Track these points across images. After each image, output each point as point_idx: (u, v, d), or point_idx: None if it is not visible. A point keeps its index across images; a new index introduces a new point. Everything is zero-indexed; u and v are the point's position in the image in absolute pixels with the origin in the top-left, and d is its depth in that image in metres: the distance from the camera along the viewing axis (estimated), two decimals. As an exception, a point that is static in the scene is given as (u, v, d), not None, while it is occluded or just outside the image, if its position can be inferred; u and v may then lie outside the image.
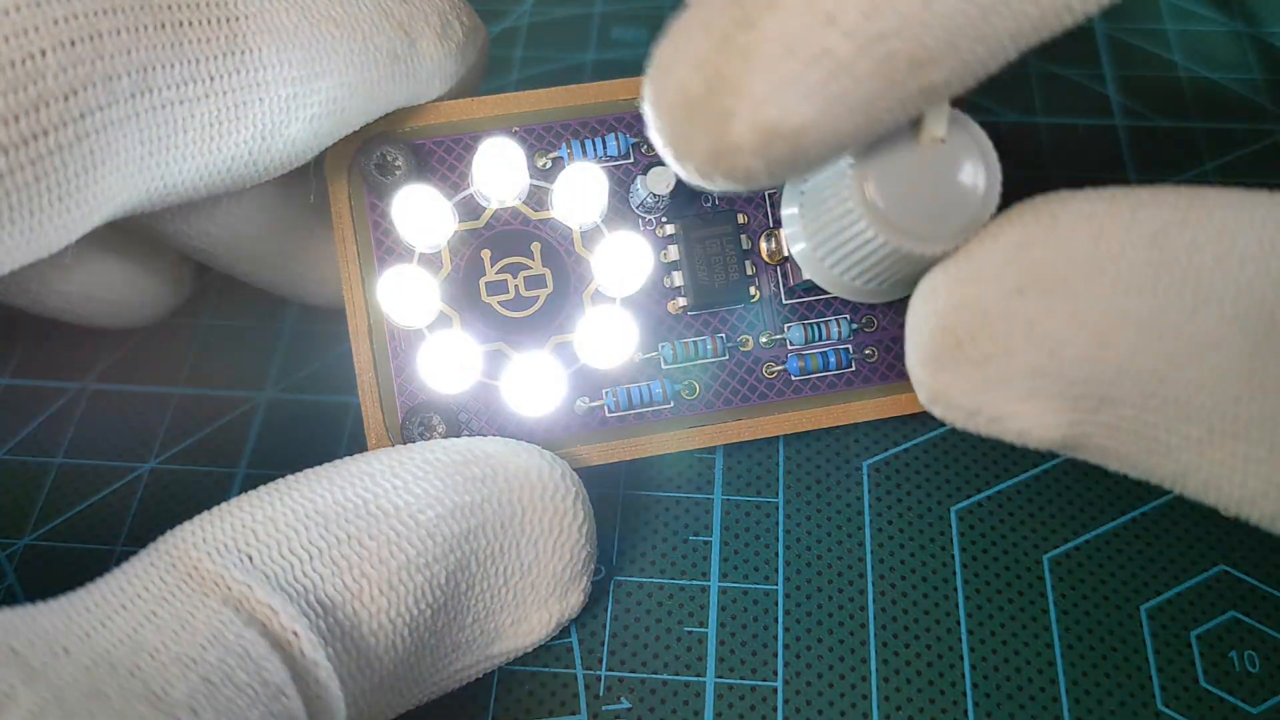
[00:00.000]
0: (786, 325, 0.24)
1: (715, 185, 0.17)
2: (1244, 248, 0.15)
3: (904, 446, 0.26)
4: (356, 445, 0.26)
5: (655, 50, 0.17)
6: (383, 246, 0.23)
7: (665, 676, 0.23)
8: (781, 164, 0.16)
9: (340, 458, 0.21)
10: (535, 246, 0.23)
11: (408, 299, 0.21)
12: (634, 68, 0.34)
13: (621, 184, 0.24)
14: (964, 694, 0.22)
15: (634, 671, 0.23)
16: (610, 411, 0.23)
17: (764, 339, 0.24)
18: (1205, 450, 0.16)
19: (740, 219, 0.24)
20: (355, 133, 0.22)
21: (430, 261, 0.23)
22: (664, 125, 0.17)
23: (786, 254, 0.21)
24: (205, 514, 0.19)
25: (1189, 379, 0.15)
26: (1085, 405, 0.16)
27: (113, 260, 0.24)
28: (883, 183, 0.17)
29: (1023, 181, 0.18)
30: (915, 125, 0.17)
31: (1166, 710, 0.22)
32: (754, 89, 0.16)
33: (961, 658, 0.23)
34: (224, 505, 0.19)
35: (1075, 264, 0.16)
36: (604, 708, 0.23)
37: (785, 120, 0.15)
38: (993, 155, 0.18)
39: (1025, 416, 0.17)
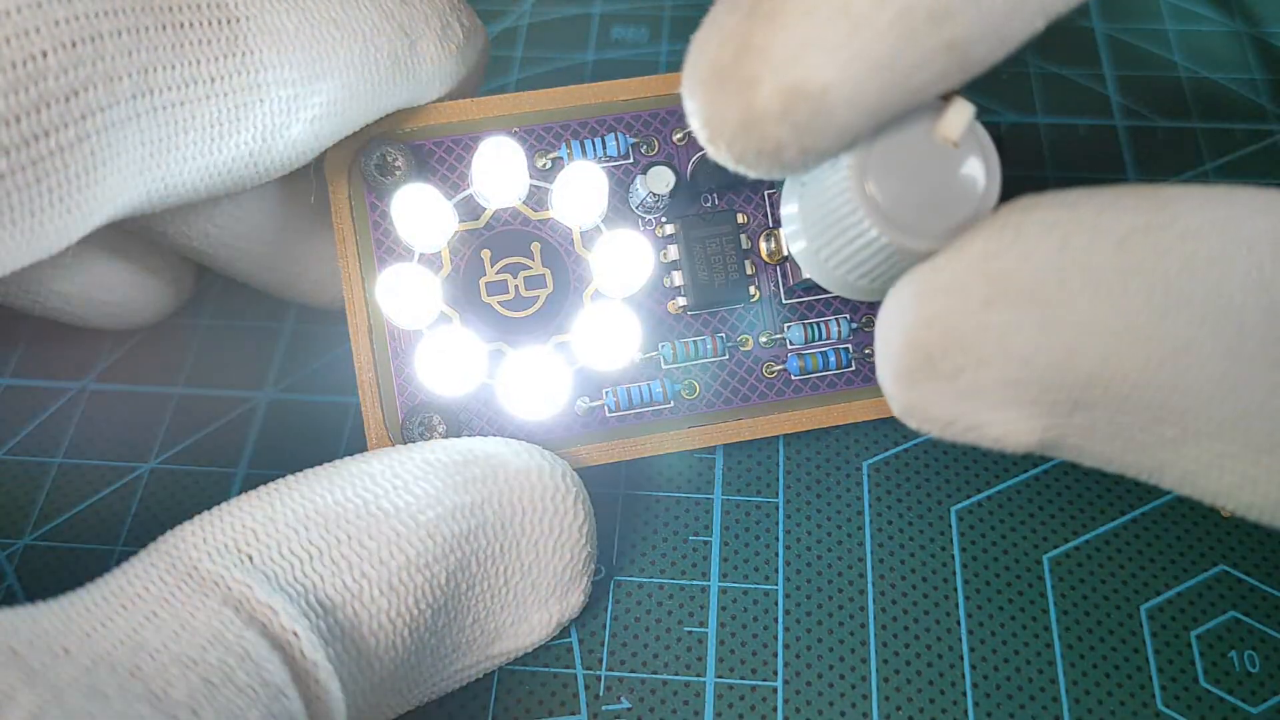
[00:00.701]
0: (786, 325, 0.24)
1: (751, 167, 0.17)
2: (1209, 250, 0.15)
3: (904, 446, 0.26)
4: (356, 445, 0.26)
5: (693, 36, 0.17)
6: (383, 247, 0.23)
7: (665, 676, 0.23)
8: (809, 131, 0.16)
9: (340, 458, 0.21)
10: (535, 246, 0.23)
11: (408, 299, 0.21)
12: (634, 68, 0.34)
13: (621, 184, 0.24)
14: (964, 694, 0.22)
15: (634, 671, 0.23)
16: (610, 411, 0.23)
17: (764, 339, 0.24)
18: (1181, 448, 0.16)
19: (740, 219, 0.24)
20: (355, 133, 0.22)
21: (430, 261, 0.23)
22: (698, 103, 0.17)
23: (786, 253, 0.21)
24: (205, 514, 0.19)
25: (1162, 383, 0.15)
26: (1060, 410, 0.16)
27: (113, 261, 0.24)
28: (883, 179, 0.17)
29: (1023, 181, 0.18)
30: (935, 115, 0.17)
31: (1166, 710, 0.22)
32: (777, 52, 0.16)
33: (961, 658, 0.23)
34: (224, 505, 0.19)
35: (1042, 274, 0.16)
36: (604, 708, 0.23)
37: (808, 81, 0.15)
38: (993, 153, 0.18)
39: (1001, 424, 0.17)
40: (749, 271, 0.23)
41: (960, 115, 0.17)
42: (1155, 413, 0.15)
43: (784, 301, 0.24)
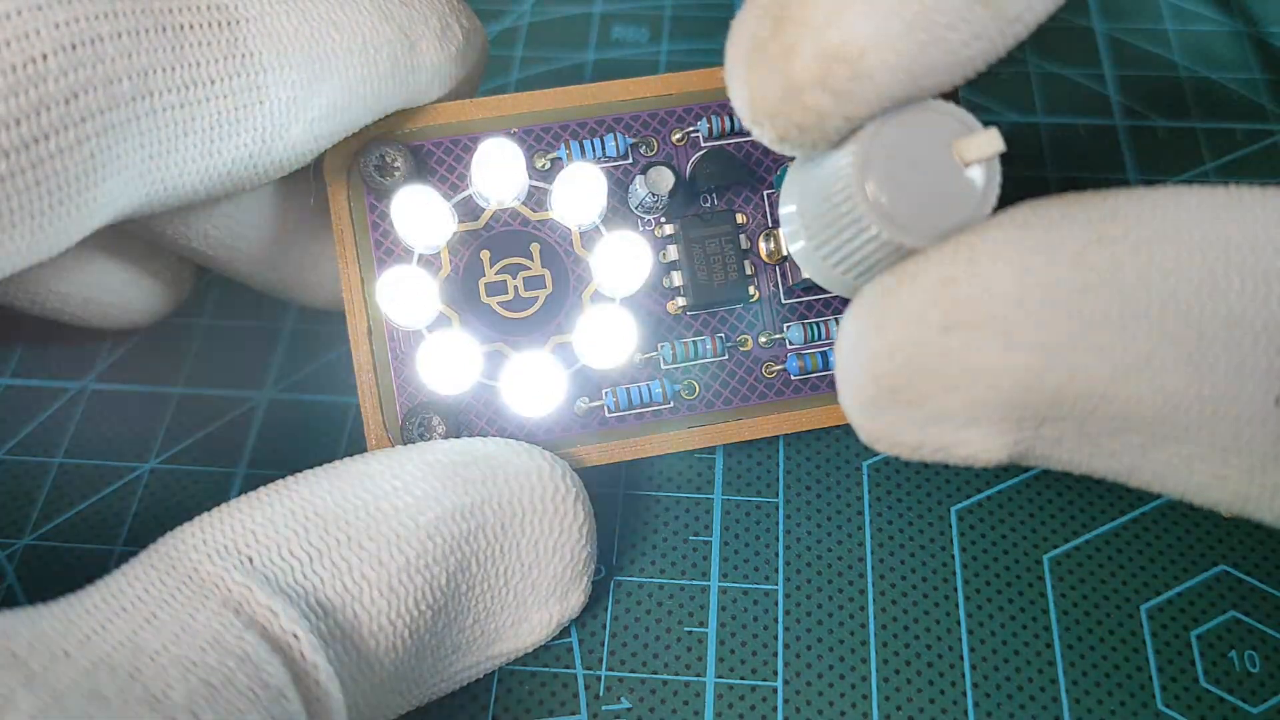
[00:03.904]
0: (786, 325, 0.24)
1: (794, 143, 0.17)
2: (1162, 260, 0.15)
3: (904, 446, 0.26)
4: (356, 445, 0.26)
5: (733, 21, 0.17)
6: (382, 247, 0.23)
7: (665, 676, 0.23)
8: (848, 96, 0.16)
9: (340, 458, 0.21)
10: (534, 247, 0.23)
11: (407, 300, 0.21)
12: (634, 68, 0.34)
13: (620, 184, 0.24)
14: (964, 694, 0.22)
15: (634, 671, 0.23)
16: (610, 411, 0.23)
17: (763, 338, 0.24)
18: (1149, 453, 0.16)
19: (739, 219, 0.23)
20: (355, 134, 0.22)
21: (429, 262, 0.23)
22: (739, 84, 0.17)
23: (785, 253, 0.21)
24: (205, 516, 0.19)
25: (1127, 394, 0.15)
26: (1027, 425, 0.16)
27: (111, 261, 0.24)
28: (884, 178, 0.17)
29: (1023, 181, 0.18)
30: (939, 117, 0.17)
31: (1166, 710, 0.22)
32: (813, 16, 0.16)
33: (961, 658, 0.23)
34: (224, 507, 0.19)
35: (999, 297, 0.16)
36: (604, 708, 0.23)
37: (846, 43, 0.15)
38: None
39: (969, 443, 0.17)
40: (748, 271, 0.23)
41: (987, 145, 0.17)
42: (1122, 422, 0.16)
43: (783, 301, 0.24)
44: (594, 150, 0.24)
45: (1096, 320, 0.15)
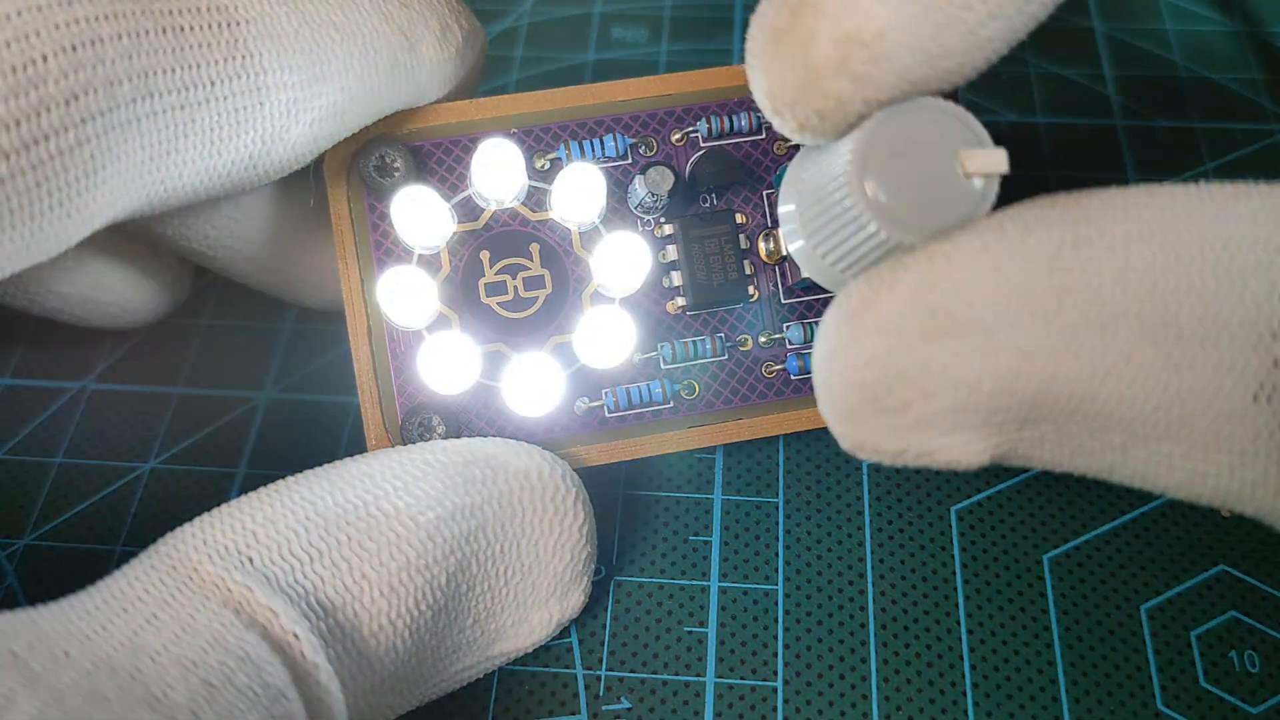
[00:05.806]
0: (785, 324, 0.24)
1: (815, 132, 0.17)
2: (1138, 260, 0.15)
3: (904, 446, 0.26)
4: (356, 446, 0.26)
5: (752, 15, 0.18)
6: (382, 248, 0.23)
7: (665, 676, 0.23)
8: (868, 81, 0.16)
9: (340, 458, 0.21)
10: (534, 247, 0.23)
11: (407, 300, 0.21)
12: (634, 68, 0.34)
13: (620, 184, 0.24)
14: (964, 694, 0.23)
15: (634, 671, 0.23)
16: (610, 411, 0.23)
17: (763, 338, 0.24)
18: (1129, 451, 0.16)
19: (739, 219, 0.24)
20: (354, 135, 0.22)
21: (429, 263, 0.23)
22: (759, 74, 0.17)
23: (785, 253, 0.21)
24: (205, 516, 0.19)
25: (1107, 394, 0.15)
26: (1008, 428, 0.16)
27: (111, 262, 0.24)
28: (883, 176, 0.17)
29: (1023, 181, 0.18)
30: (938, 117, 0.17)
31: (1166, 710, 0.22)
32: (830, 4, 0.16)
33: (961, 658, 0.23)
34: (224, 507, 0.19)
35: (977, 303, 0.16)
36: (604, 708, 0.23)
37: (864, 27, 0.16)
38: None
39: (951, 448, 0.17)
40: (748, 271, 0.23)
41: (992, 163, 0.17)
42: (1102, 422, 0.16)
43: (783, 301, 0.24)
44: (594, 150, 0.24)
45: (1074, 322, 0.15)
